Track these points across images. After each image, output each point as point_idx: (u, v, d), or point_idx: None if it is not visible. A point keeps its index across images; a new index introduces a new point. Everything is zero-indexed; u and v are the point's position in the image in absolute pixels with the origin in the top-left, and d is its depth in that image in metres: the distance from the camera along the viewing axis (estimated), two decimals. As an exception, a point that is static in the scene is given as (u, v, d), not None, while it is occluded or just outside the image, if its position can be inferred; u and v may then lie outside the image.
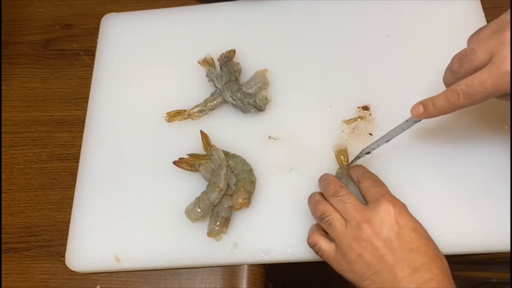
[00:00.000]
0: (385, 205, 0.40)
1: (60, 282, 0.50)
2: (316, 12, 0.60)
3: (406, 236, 0.38)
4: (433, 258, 0.38)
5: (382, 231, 0.39)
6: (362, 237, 0.39)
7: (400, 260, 0.38)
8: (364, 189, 0.43)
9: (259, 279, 0.49)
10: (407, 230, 0.39)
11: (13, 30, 0.67)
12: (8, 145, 0.59)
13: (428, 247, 0.39)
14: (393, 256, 0.38)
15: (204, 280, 0.49)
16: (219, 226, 0.47)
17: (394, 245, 0.38)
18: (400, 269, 0.37)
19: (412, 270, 0.37)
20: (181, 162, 0.51)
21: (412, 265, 0.37)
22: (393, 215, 0.39)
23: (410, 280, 0.37)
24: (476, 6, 0.57)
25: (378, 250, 0.38)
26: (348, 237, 0.40)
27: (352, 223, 0.40)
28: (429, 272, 0.37)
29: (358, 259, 0.39)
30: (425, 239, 0.39)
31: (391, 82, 0.54)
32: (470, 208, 0.47)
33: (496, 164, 0.48)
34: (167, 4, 0.64)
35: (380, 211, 0.39)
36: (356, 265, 0.39)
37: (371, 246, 0.39)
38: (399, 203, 0.41)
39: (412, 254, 0.38)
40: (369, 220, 0.39)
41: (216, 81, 0.55)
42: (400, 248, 0.38)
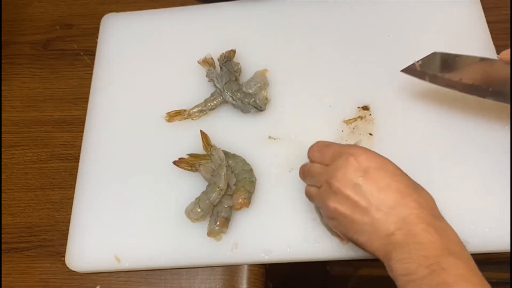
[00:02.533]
0: (344, 156, 0.39)
1: (60, 282, 0.50)
2: (316, 12, 0.60)
3: (372, 177, 0.38)
4: (406, 192, 0.37)
5: (348, 180, 0.38)
6: (333, 191, 0.39)
7: (372, 202, 0.37)
8: (319, 160, 0.43)
9: (259, 279, 0.49)
10: (372, 171, 0.38)
11: (13, 30, 0.67)
12: (8, 145, 0.59)
13: (399, 182, 0.38)
14: (365, 200, 0.37)
15: (204, 280, 0.49)
16: (219, 226, 0.47)
17: (363, 189, 0.38)
18: (374, 211, 0.37)
19: (386, 209, 0.37)
20: (181, 162, 0.51)
21: (385, 204, 0.37)
22: (354, 162, 0.39)
23: (388, 219, 0.37)
24: (476, 6, 0.57)
25: (349, 199, 0.38)
26: (323, 198, 0.40)
27: (324, 186, 0.41)
28: (405, 207, 0.37)
29: (338, 215, 0.39)
30: (394, 175, 0.38)
31: (391, 82, 0.54)
32: (470, 208, 0.47)
33: (496, 164, 0.48)
34: (167, 4, 0.64)
35: (340, 162, 0.39)
36: (339, 221, 0.40)
37: (342, 198, 0.39)
38: (356, 148, 0.40)
39: (383, 193, 0.37)
40: (334, 174, 0.39)
41: (216, 81, 0.55)
42: (369, 191, 0.38)
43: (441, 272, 0.34)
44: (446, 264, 0.34)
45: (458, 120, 0.51)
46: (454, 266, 0.34)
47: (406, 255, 0.35)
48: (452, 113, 0.52)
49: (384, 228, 0.37)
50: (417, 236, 0.36)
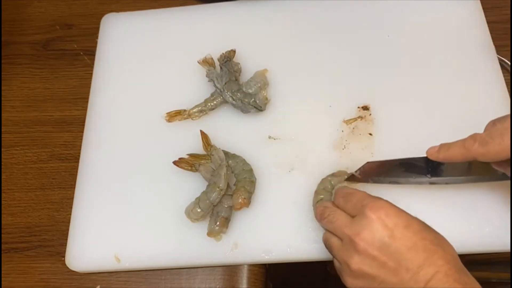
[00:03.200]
0: (369, 213, 0.39)
1: (60, 282, 0.50)
2: (316, 12, 0.60)
3: (399, 237, 0.38)
4: (433, 249, 0.37)
5: (375, 240, 0.38)
6: (359, 251, 0.38)
7: (400, 262, 0.37)
8: (343, 207, 0.42)
9: (259, 279, 0.49)
10: (399, 229, 0.38)
11: (13, 30, 0.67)
12: (8, 145, 0.59)
13: (425, 240, 0.38)
14: (393, 261, 0.37)
15: (204, 280, 0.49)
16: (219, 226, 0.47)
17: (391, 250, 0.37)
18: (404, 271, 0.37)
19: (415, 268, 0.37)
20: (181, 162, 0.51)
21: (414, 263, 0.37)
22: (380, 220, 0.38)
23: (417, 279, 0.36)
24: (476, 6, 0.57)
25: (376, 259, 0.38)
26: (345, 253, 0.40)
27: (345, 240, 0.40)
28: (433, 266, 0.36)
29: (362, 274, 0.39)
30: (419, 232, 0.38)
31: (391, 82, 0.54)
32: (470, 208, 0.47)
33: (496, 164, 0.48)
34: (167, 4, 0.64)
35: (367, 220, 0.39)
36: (362, 280, 0.39)
37: (369, 258, 0.38)
38: (381, 204, 0.39)
39: (411, 253, 0.37)
40: (358, 233, 0.39)
41: (216, 81, 0.55)
42: (397, 251, 0.37)
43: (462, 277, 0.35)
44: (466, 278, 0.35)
45: (459, 119, 0.51)
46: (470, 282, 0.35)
47: None
48: (453, 113, 0.52)
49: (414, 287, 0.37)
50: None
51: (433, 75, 0.54)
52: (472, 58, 0.54)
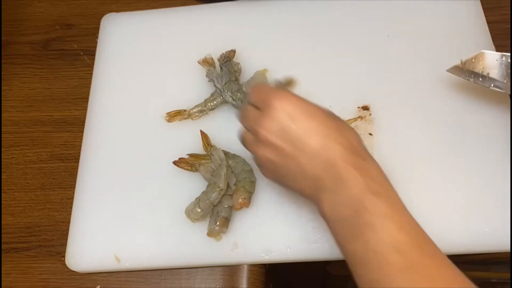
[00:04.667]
0: (273, 103, 0.38)
1: (60, 282, 0.50)
2: (316, 12, 0.60)
3: (299, 123, 0.37)
4: (332, 135, 0.37)
5: (273, 127, 0.38)
6: (261, 141, 0.39)
7: (299, 147, 0.37)
8: (254, 102, 0.41)
9: (259, 279, 0.49)
10: (300, 117, 0.37)
11: (13, 30, 0.67)
12: (8, 145, 0.59)
13: (325, 126, 0.37)
14: (291, 146, 0.37)
15: (204, 280, 0.49)
16: (219, 226, 0.47)
17: (290, 136, 0.37)
18: (302, 157, 0.37)
19: (313, 153, 0.36)
20: (181, 162, 0.51)
21: (312, 148, 0.36)
22: (282, 109, 0.38)
23: (315, 164, 0.36)
24: (476, 6, 0.57)
25: (277, 146, 0.38)
26: (253, 146, 0.40)
27: (253, 132, 0.40)
28: (329, 151, 0.36)
29: (268, 162, 0.39)
30: (321, 118, 0.38)
31: (391, 82, 0.54)
32: (470, 208, 0.47)
33: (496, 164, 0.48)
34: (167, 4, 0.64)
35: (269, 110, 0.38)
36: (270, 169, 0.39)
37: (270, 146, 0.38)
38: (286, 95, 0.39)
39: (309, 138, 0.37)
40: (261, 122, 0.38)
41: (216, 81, 0.55)
42: (295, 136, 0.37)
43: (364, 212, 0.34)
44: (368, 203, 0.34)
45: (459, 119, 0.51)
46: (375, 204, 0.34)
47: (333, 199, 0.36)
48: (453, 112, 0.52)
49: (312, 173, 0.37)
50: (341, 179, 0.35)
51: (433, 74, 0.54)
52: (472, 58, 0.54)
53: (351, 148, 0.37)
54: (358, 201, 0.34)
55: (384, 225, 0.33)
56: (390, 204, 0.35)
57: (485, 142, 0.50)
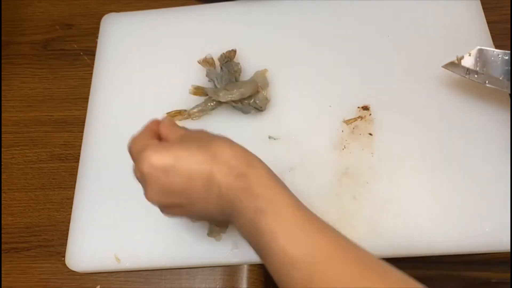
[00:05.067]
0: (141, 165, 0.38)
1: (60, 282, 0.50)
2: (316, 12, 0.60)
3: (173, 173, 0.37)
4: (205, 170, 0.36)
5: (155, 194, 0.39)
6: (153, 202, 0.40)
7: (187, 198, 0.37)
8: None
9: (259, 279, 0.49)
10: (170, 166, 0.37)
11: (13, 30, 0.67)
12: (8, 145, 0.59)
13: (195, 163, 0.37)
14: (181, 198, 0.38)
15: (204, 280, 0.49)
16: (219, 226, 0.47)
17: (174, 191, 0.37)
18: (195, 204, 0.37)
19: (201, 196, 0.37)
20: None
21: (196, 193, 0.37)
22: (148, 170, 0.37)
23: (208, 203, 0.37)
24: (476, 6, 0.57)
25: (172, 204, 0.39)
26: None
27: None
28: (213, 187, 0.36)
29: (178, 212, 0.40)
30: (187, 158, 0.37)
31: (391, 82, 0.54)
32: (470, 208, 0.47)
33: (496, 164, 0.48)
34: (167, 4, 0.64)
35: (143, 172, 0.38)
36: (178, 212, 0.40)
37: (166, 205, 0.40)
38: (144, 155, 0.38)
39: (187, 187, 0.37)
40: (145, 192, 0.40)
41: (216, 81, 0.55)
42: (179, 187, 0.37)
43: (261, 235, 0.34)
44: (261, 226, 0.34)
45: (459, 119, 0.51)
46: (267, 227, 0.34)
47: (237, 223, 0.37)
48: (453, 112, 0.52)
49: (213, 210, 0.37)
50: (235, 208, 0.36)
51: (433, 75, 0.54)
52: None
53: (228, 170, 0.36)
54: (253, 225, 0.35)
55: (277, 245, 0.33)
56: (278, 221, 0.34)
57: (485, 142, 0.50)
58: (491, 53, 0.48)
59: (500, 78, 0.46)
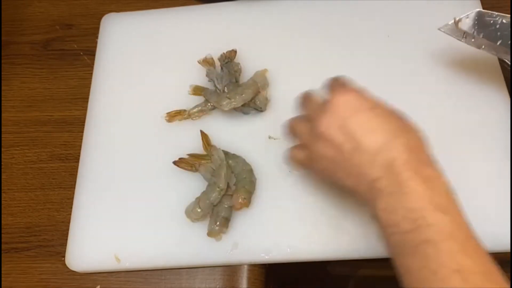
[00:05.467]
0: (333, 97, 0.36)
1: (60, 282, 0.50)
2: (316, 12, 0.60)
3: (361, 118, 0.35)
4: (396, 133, 0.34)
5: (334, 120, 0.36)
6: (318, 134, 0.36)
7: (358, 144, 0.34)
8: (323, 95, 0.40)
9: (259, 279, 0.49)
10: (362, 112, 0.35)
11: (13, 30, 0.67)
12: (8, 145, 0.59)
13: (390, 123, 0.35)
14: (350, 142, 0.35)
15: (204, 280, 0.49)
16: (219, 226, 0.47)
17: (350, 131, 0.35)
18: (360, 153, 0.34)
19: (373, 151, 0.34)
20: (181, 162, 0.51)
21: (372, 146, 0.34)
22: (343, 102, 0.36)
23: (374, 162, 0.33)
24: (476, 6, 0.57)
25: (334, 141, 0.35)
26: (309, 138, 0.38)
27: (312, 122, 0.38)
28: (391, 151, 0.33)
29: (321, 157, 0.37)
30: (384, 115, 0.35)
31: (391, 82, 0.54)
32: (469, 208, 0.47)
33: (496, 164, 0.48)
34: (167, 4, 0.64)
35: (332, 103, 0.36)
36: (323, 163, 0.37)
37: (327, 140, 0.36)
38: (350, 89, 0.37)
39: (371, 135, 0.34)
40: (321, 115, 0.37)
41: (216, 81, 0.55)
42: (356, 132, 0.35)
43: (426, 228, 0.31)
44: (432, 220, 0.31)
45: (459, 119, 0.51)
46: (440, 223, 0.31)
47: (391, 205, 0.33)
48: (453, 112, 0.52)
49: (370, 172, 0.34)
50: (402, 185, 0.32)
51: (432, 75, 0.54)
52: (472, 58, 0.54)
53: (415, 151, 0.34)
54: (420, 214, 0.31)
55: (448, 246, 0.31)
56: (455, 223, 0.32)
57: (485, 141, 0.50)
58: (490, 16, 0.45)
59: (497, 44, 0.44)
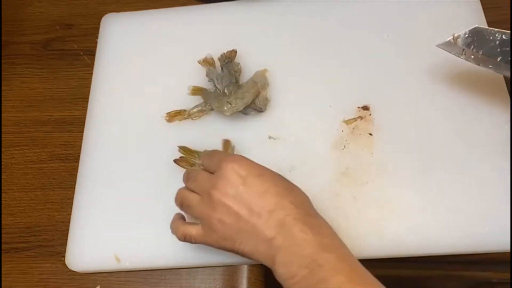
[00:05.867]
0: (224, 165, 0.40)
1: (60, 282, 0.50)
2: (316, 12, 0.60)
3: (251, 184, 0.38)
4: (284, 194, 0.38)
5: (228, 189, 0.39)
6: (215, 203, 0.39)
7: (253, 209, 0.38)
8: (207, 167, 0.43)
9: (259, 279, 0.49)
10: (251, 178, 0.39)
11: (13, 30, 0.67)
12: (8, 145, 0.59)
13: (277, 186, 0.39)
14: (246, 208, 0.38)
15: (204, 280, 0.49)
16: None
17: (243, 197, 0.38)
18: (256, 218, 0.37)
19: (267, 213, 0.37)
20: (181, 160, 0.52)
21: (266, 209, 0.37)
22: (233, 171, 0.39)
23: (268, 224, 0.37)
24: (476, 6, 0.57)
25: (231, 208, 0.38)
26: (204, 208, 0.40)
27: (204, 195, 0.40)
28: (283, 210, 0.37)
29: (220, 225, 0.39)
30: (272, 179, 0.39)
31: (391, 82, 0.54)
32: (470, 208, 0.47)
33: (496, 164, 0.48)
34: (167, 4, 0.64)
35: (222, 172, 0.39)
36: (221, 232, 0.39)
37: (224, 208, 0.39)
38: (237, 157, 0.41)
39: (262, 199, 0.38)
40: (215, 184, 0.39)
41: (216, 82, 0.55)
42: (249, 198, 0.38)
43: (318, 269, 0.35)
44: (321, 261, 0.35)
45: (459, 120, 0.51)
46: (328, 261, 0.35)
47: (287, 259, 0.36)
48: (453, 113, 0.52)
49: (266, 233, 0.37)
50: (295, 238, 0.36)
51: (432, 75, 0.54)
52: (472, 58, 0.54)
53: (301, 206, 0.38)
54: (311, 259, 0.35)
55: (336, 280, 0.34)
56: (341, 258, 0.36)
57: (485, 141, 0.50)
58: (489, 32, 0.46)
59: (497, 60, 0.45)
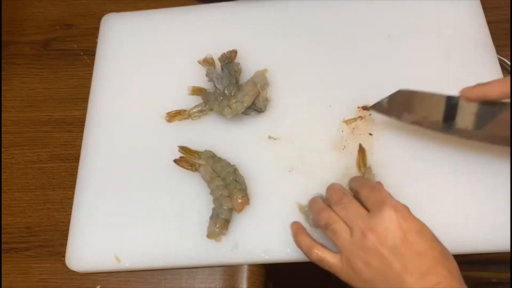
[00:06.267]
0: (387, 211, 0.39)
1: (60, 282, 0.50)
2: (316, 12, 0.60)
3: (411, 241, 0.38)
4: (440, 260, 0.38)
5: (387, 238, 0.38)
6: (368, 246, 0.38)
7: (407, 266, 0.37)
8: (364, 198, 0.42)
9: (259, 279, 0.49)
10: (412, 234, 0.38)
11: (13, 30, 0.67)
12: (8, 145, 0.59)
13: (434, 249, 0.38)
14: (400, 263, 0.37)
15: (204, 280, 0.49)
16: (219, 228, 0.47)
17: (400, 251, 0.38)
18: (408, 275, 0.37)
19: (419, 275, 0.37)
20: (181, 160, 0.52)
21: (419, 269, 0.37)
22: (396, 220, 0.38)
23: (418, 284, 0.37)
24: (476, 6, 0.57)
25: (384, 258, 0.38)
26: (354, 246, 0.39)
27: (357, 231, 0.39)
28: (436, 276, 0.37)
29: (366, 268, 0.39)
30: (430, 241, 0.39)
31: (391, 82, 0.54)
32: (470, 208, 0.47)
33: (497, 164, 0.48)
34: (167, 4, 0.64)
35: (383, 217, 0.39)
36: (364, 273, 0.39)
37: (377, 254, 0.38)
38: (401, 206, 0.40)
39: (419, 259, 0.37)
40: (373, 228, 0.39)
41: (216, 82, 0.55)
42: (406, 254, 0.37)
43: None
44: None
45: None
46: None
47: None
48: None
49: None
50: None
51: (432, 75, 0.54)
52: (472, 58, 0.54)
53: (456, 275, 0.37)
54: None
55: None
56: None
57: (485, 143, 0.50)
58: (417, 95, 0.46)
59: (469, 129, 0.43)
